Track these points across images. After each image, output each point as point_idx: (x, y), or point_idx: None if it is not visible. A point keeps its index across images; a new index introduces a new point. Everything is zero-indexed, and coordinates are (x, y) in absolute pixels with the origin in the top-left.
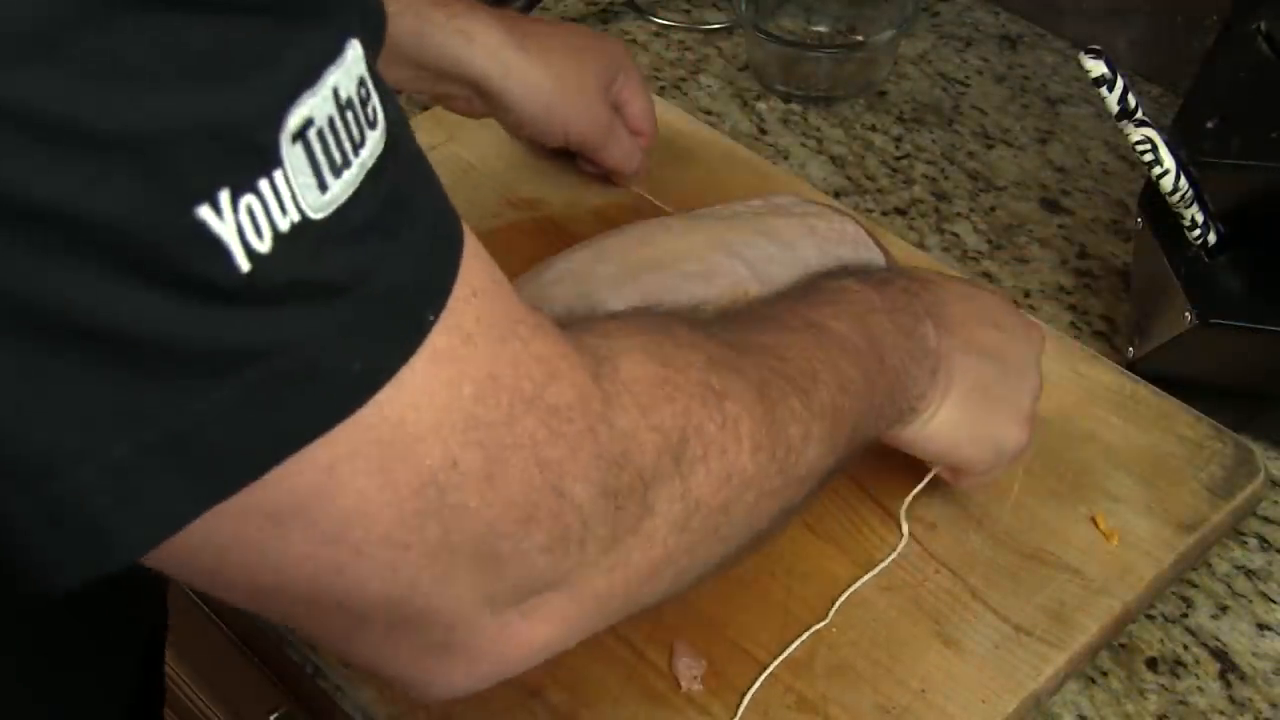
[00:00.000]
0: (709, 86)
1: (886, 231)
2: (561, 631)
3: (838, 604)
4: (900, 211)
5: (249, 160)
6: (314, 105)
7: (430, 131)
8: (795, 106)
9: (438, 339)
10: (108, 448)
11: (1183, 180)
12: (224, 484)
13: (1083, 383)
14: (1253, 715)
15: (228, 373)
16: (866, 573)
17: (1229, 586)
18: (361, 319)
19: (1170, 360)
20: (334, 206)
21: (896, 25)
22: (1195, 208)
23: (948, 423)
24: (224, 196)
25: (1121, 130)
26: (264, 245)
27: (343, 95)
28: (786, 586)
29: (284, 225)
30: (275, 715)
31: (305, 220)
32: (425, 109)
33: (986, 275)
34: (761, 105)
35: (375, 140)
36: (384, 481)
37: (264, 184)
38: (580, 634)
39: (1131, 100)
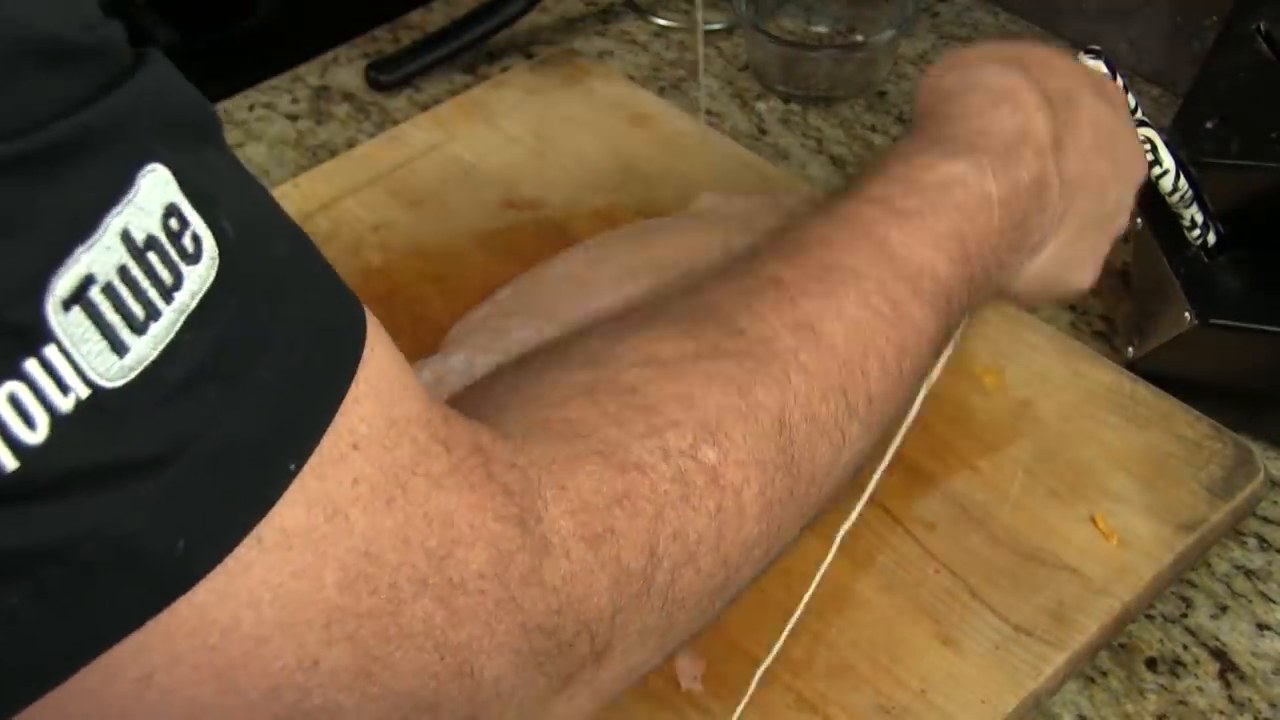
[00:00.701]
0: (708, 86)
1: None
2: None
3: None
4: None
5: (4, 344)
6: (93, 259)
7: (430, 131)
8: (795, 106)
9: (289, 516)
10: None
11: (1182, 180)
12: (14, 698)
13: (1083, 383)
14: (1252, 715)
15: (18, 574)
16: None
17: (1228, 586)
18: (188, 490)
19: (1170, 360)
20: (139, 369)
21: (896, 25)
22: (1195, 208)
23: (1035, 269)
24: None
25: None
26: (37, 436)
27: (138, 236)
28: (786, 586)
29: (65, 406)
30: None
31: (98, 393)
32: (425, 109)
33: None
34: (761, 105)
35: (199, 276)
36: (220, 690)
37: (31, 365)
38: None
39: (1131, 100)
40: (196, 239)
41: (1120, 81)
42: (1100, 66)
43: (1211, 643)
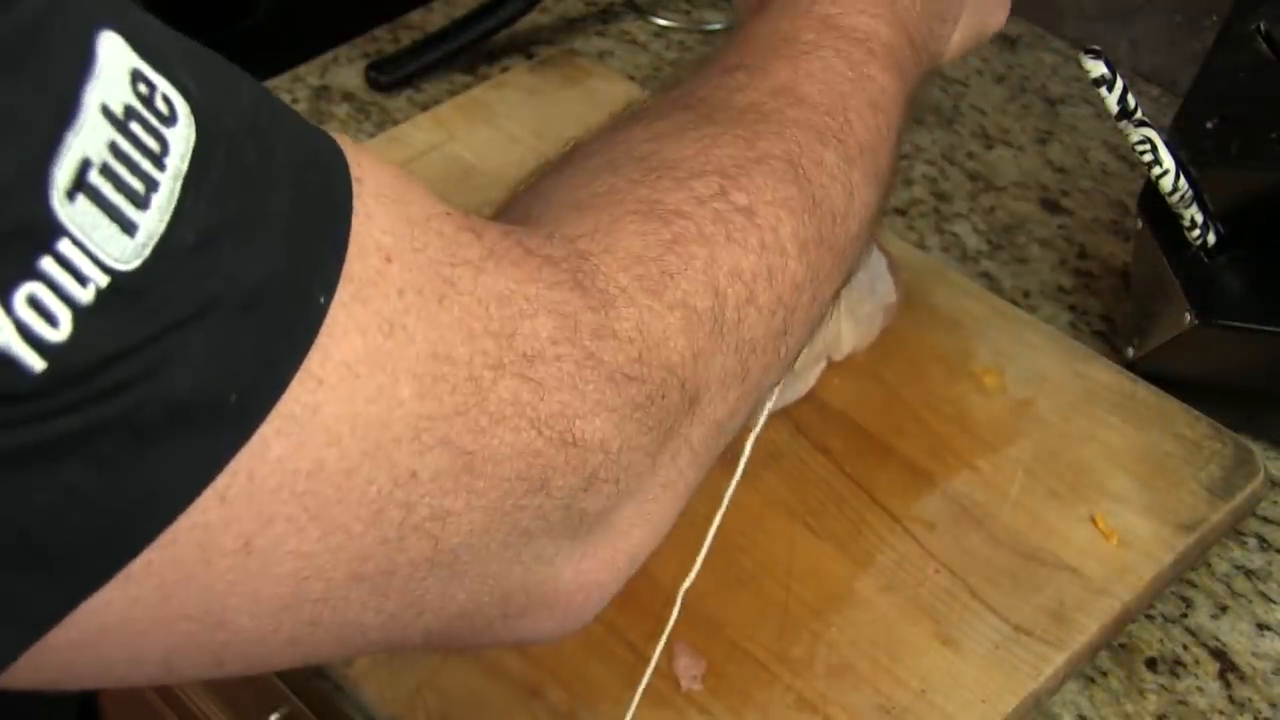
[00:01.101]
0: None
1: (886, 231)
2: (647, 533)
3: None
4: (900, 212)
5: (15, 247)
6: (83, 142)
7: (430, 131)
8: None
9: (347, 347)
10: None
11: (1182, 180)
12: (89, 578)
13: (1083, 383)
14: (1252, 715)
15: (67, 455)
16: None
17: (1228, 586)
18: (226, 340)
19: (1170, 360)
20: (151, 244)
21: None
22: (1195, 208)
23: (960, 32)
24: None
25: (1121, 130)
26: (60, 333)
27: (115, 108)
28: (786, 586)
29: (86, 298)
30: (276, 714)
31: (115, 278)
32: (425, 109)
33: (986, 275)
34: None
35: (182, 137)
36: (322, 531)
37: (45, 262)
38: (669, 522)
39: (1131, 100)
40: (168, 100)
41: (1120, 82)
42: (1100, 66)
43: (1211, 643)
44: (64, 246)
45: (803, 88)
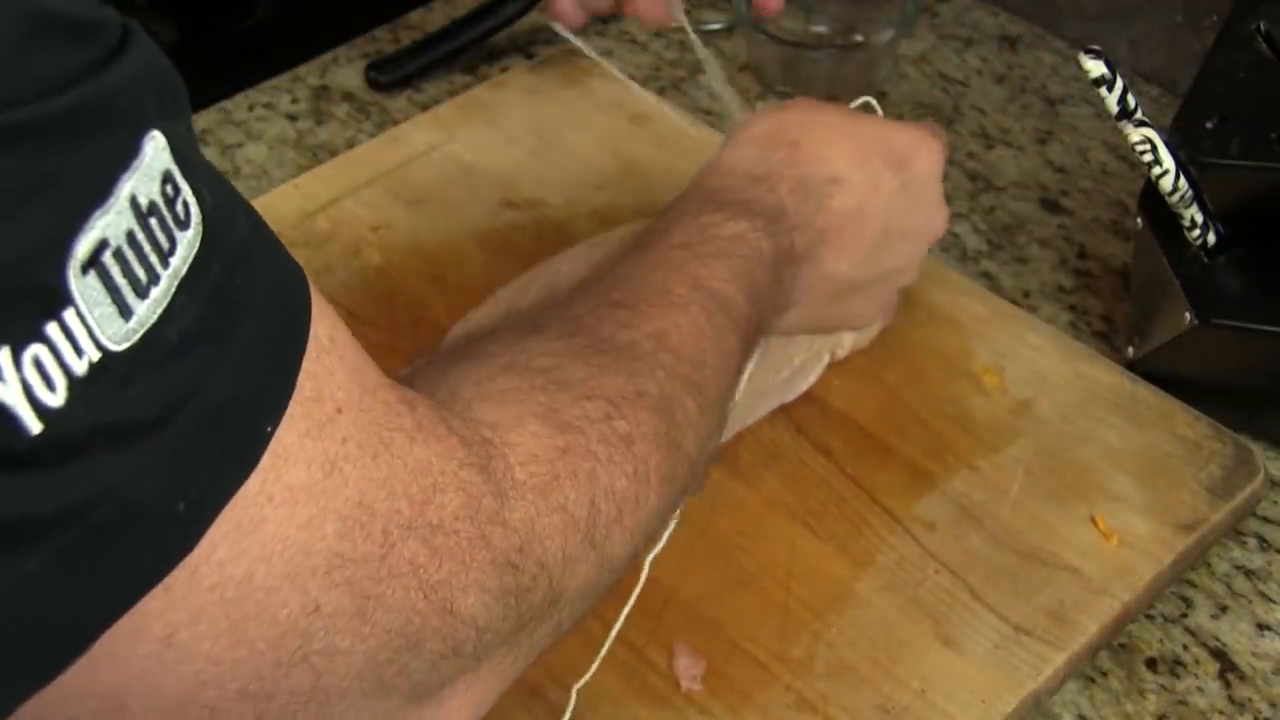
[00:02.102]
0: (709, 87)
1: None
2: (471, 714)
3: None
4: None
5: (29, 307)
6: (107, 224)
7: (430, 131)
8: None
9: (293, 474)
10: None
11: (1182, 180)
12: (44, 668)
13: (1083, 383)
14: (1252, 715)
15: (35, 543)
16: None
17: (1228, 586)
18: (186, 450)
19: (1170, 360)
20: (141, 332)
21: (896, 26)
22: (1195, 208)
23: (788, 322)
24: (4, 355)
25: (1121, 130)
26: (57, 398)
27: (143, 202)
28: (786, 587)
29: (80, 369)
30: None
31: (107, 356)
32: (425, 109)
33: (986, 275)
34: (761, 105)
35: (189, 241)
36: (233, 641)
37: (52, 329)
38: (488, 706)
39: (1131, 100)
40: (186, 206)
41: (1120, 82)
42: (1100, 66)
43: (1211, 643)
44: (69, 316)
45: (673, 338)
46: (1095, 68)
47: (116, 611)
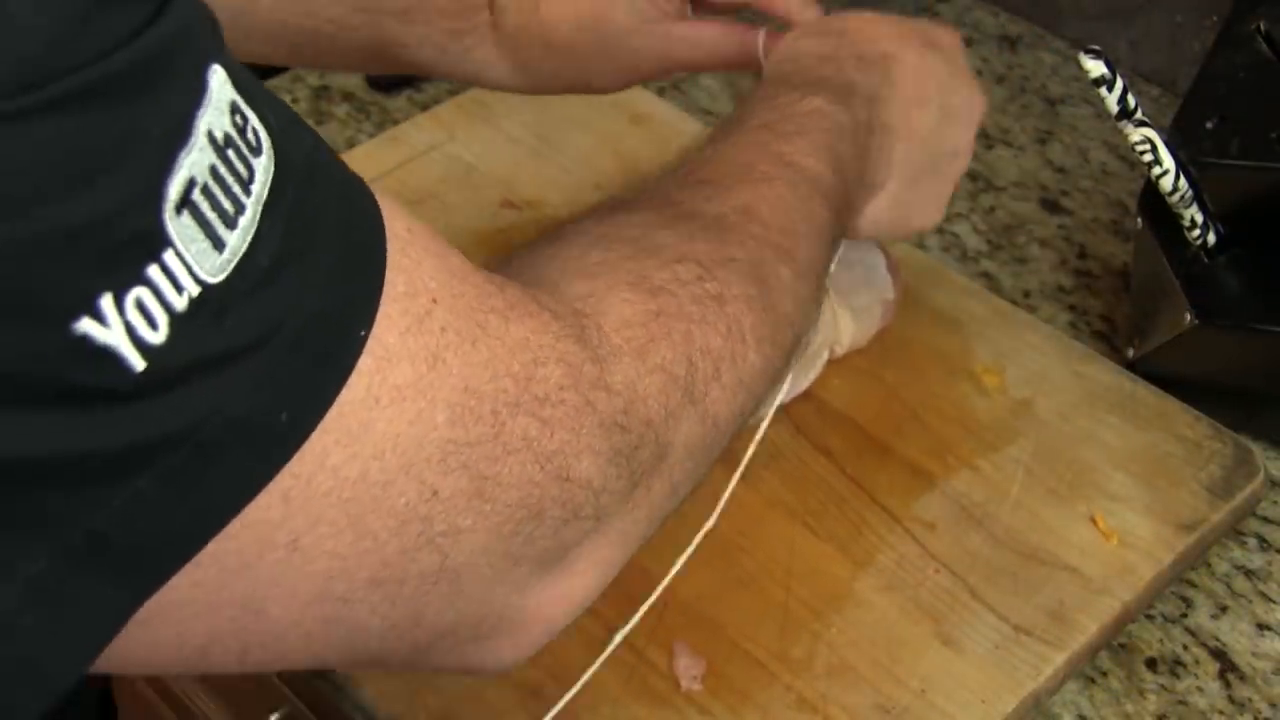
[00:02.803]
0: (709, 86)
1: None
2: (599, 575)
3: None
4: None
5: (131, 252)
6: (193, 162)
7: (430, 131)
8: None
9: (398, 372)
10: (25, 566)
11: (1182, 180)
12: (153, 577)
13: (1083, 383)
14: (1252, 715)
15: (144, 465)
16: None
17: (1228, 586)
18: (283, 366)
19: (1170, 360)
20: (234, 262)
21: None
22: (1195, 208)
23: (875, 211)
24: (106, 301)
25: (1121, 130)
26: (159, 335)
27: (219, 135)
28: (786, 586)
29: (180, 305)
30: (276, 714)
31: (205, 290)
32: (425, 109)
33: (986, 275)
34: None
35: (264, 167)
36: (356, 536)
37: (153, 270)
38: (617, 568)
39: (1131, 100)
40: (256, 132)
41: (1120, 82)
42: (1100, 66)
43: (1211, 643)
44: (169, 257)
45: (761, 209)
46: (1095, 68)
47: (224, 518)
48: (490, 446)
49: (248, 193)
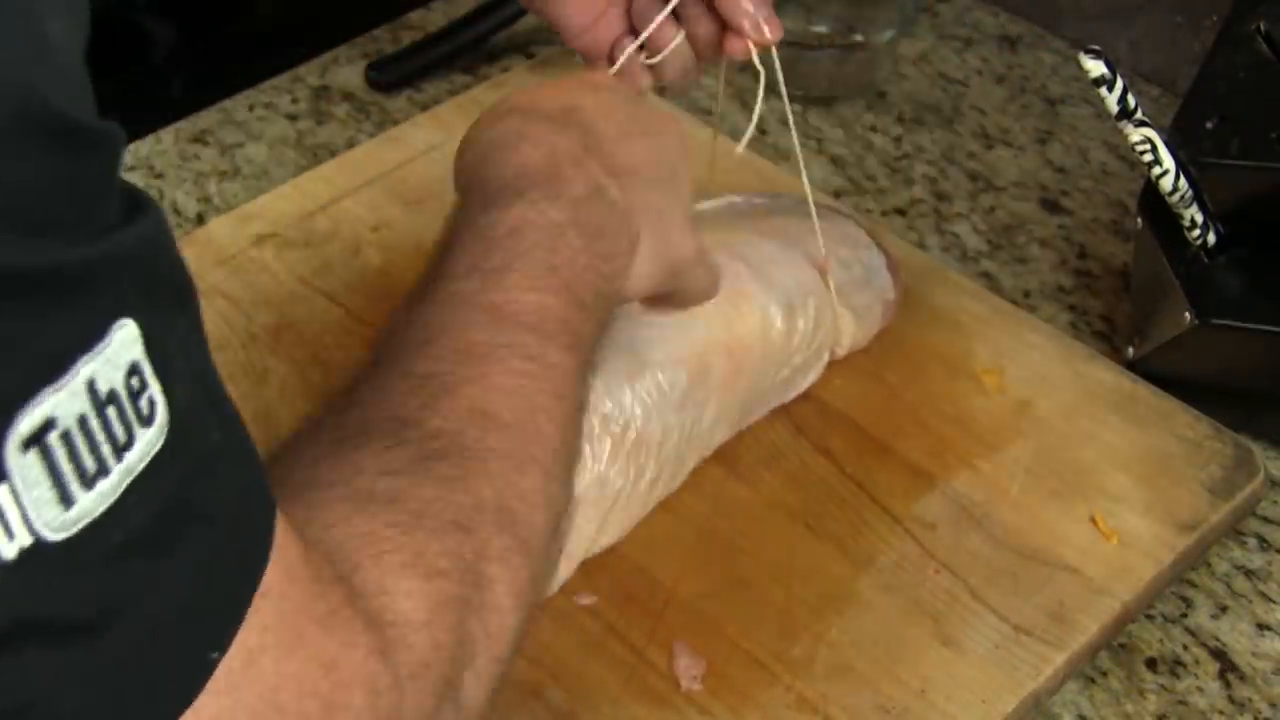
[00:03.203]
0: (709, 86)
1: (886, 231)
2: None
3: None
4: (900, 211)
5: None
6: (58, 403)
7: (430, 131)
8: (795, 106)
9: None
10: None
11: (1182, 180)
12: None
13: (1083, 383)
14: (1252, 715)
15: None
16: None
17: (1228, 586)
18: (117, 667)
19: (1170, 360)
20: (81, 524)
21: (896, 25)
22: (1195, 208)
23: (641, 266)
24: None
25: (1121, 130)
26: None
27: (101, 389)
28: (786, 586)
29: (8, 553)
30: None
31: (39, 544)
32: (425, 109)
33: (986, 275)
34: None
35: (149, 440)
36: None
37: None
38: None
39: (1131, 100)
40: (152, 403)
41: (1120, 82)
42: (1100, 67)
43: (1211, 643)
44: (2, 494)
45: (498, 410)
46: (1095, 68)
47: None
48: None
49: (119, 458)
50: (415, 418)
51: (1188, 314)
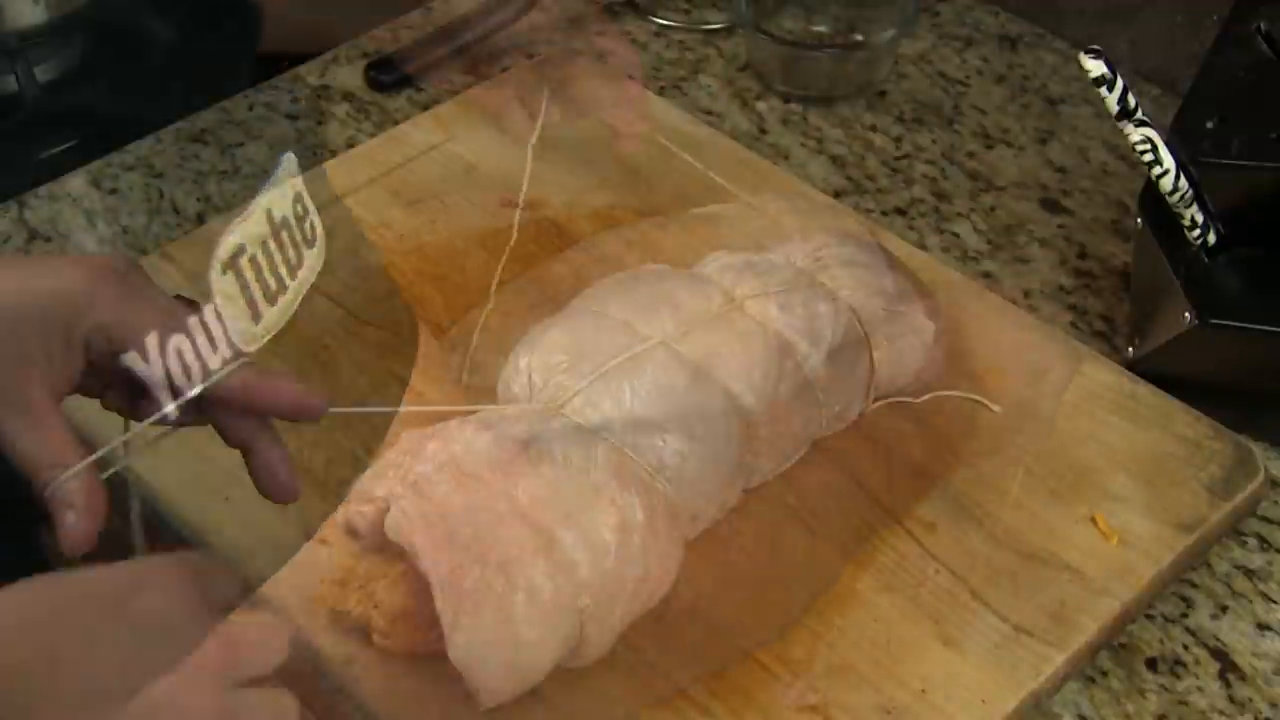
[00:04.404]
0: (709, 86)
1: (886, 231)
2: None
3: None
4: (900, 211)
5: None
6: (245, 230)
7: (430, 131)
8: (795, 106)
9: None
10: None
11: (1182, 180)
12: None
13: (1083, 383)
14: (1252, 715)
15: None
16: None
17: (1229, 586)
18: None
19: (1170, 360)
20: (267, 338)
21: (896, 25)
22: (1195, 208)
23: None
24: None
25: (1121, 130)
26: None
27: (276, 216)
28: (786, 586)
29: (214, 363)
30: None
31: (237, 356)
32: (425, 109)
33: (986, 275)
34: (761, 105)
35: (313, 259)
36: None
37: (192, 323)
38: None
39: (1131, 100)
40: (313, 226)
41: (1120, 81)
42: (1100, 66)
43: (1211, 643)
44: (208, 311)
45: None
46: (1095, 68)
47: None
48: None
49: (293, 277)
50: None
51: (1188, 314)
